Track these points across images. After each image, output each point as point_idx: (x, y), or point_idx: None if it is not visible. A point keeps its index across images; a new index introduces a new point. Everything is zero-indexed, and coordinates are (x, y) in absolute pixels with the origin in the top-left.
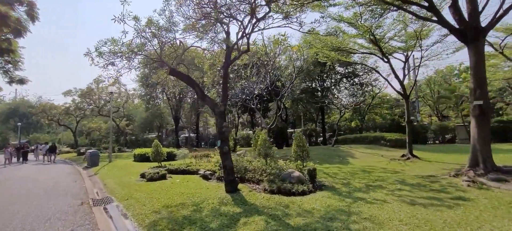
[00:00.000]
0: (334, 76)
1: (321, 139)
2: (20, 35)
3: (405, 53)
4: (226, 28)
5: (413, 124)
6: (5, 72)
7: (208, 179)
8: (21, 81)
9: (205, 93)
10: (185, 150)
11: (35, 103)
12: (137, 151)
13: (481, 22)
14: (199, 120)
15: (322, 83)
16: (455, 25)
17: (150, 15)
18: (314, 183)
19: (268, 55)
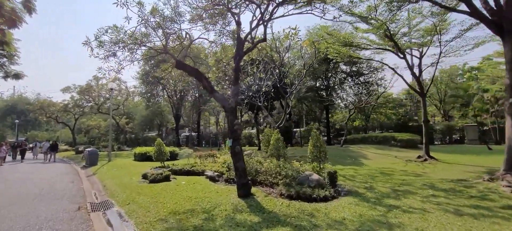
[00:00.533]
0: (339, 75)
1: (324, 138)
2: (15, 25)
3: (420, 49)
4: (237, 17)
5: (429, 123)
6: (0, 66)
7: (216, 181)
8: (16, 76)
9: (214, 88)
10: (188, 150)
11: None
12: (138, 150)
13: None
14: (200, 119)
15: (326, 82)
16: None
17: (154, 1)
18: (335, 187)
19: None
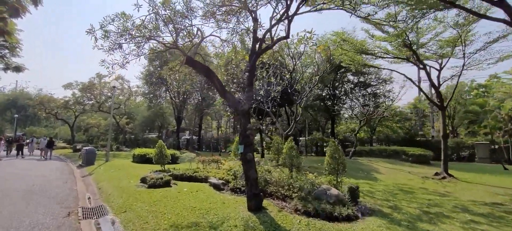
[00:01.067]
0: (346, 84)
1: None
2: (18, 15)
3: (439, 60)
4: (254, 14)
5: (448, 138)
6: (0, 57)
7: (221, 190)
8: (17, 69)
9: (225, 89)
10: (191, 153)
11: (35, 96)
12: (137, 151)
13: None
14: (202, 122)
15: (333, 91)
16: None
17: None
18: (356, 204)
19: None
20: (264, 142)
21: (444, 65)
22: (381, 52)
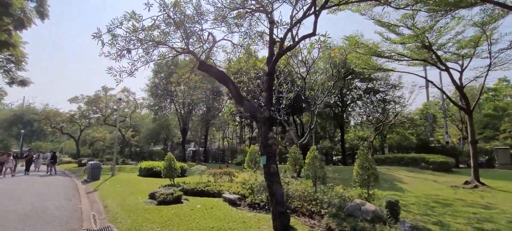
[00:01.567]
0: (354, 91)
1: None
2: (24, 26)
3: (459, 62)
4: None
5: (477, 143)
6: (6, 71)
7: (237, 206)
8: (22, 83)
9: (242, 95)
10: (201, 166)
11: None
12: (144, 165)
13: None
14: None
15: (341, 98)
16: None
17: None
18: (397, 221)
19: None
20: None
21: (466, 67)
22: (397, 54)
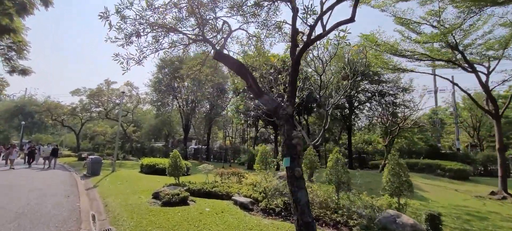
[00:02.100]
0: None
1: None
2: (26, 11)
3: (485, 64)
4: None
5: (505, 151)
6: (7, 59)
7: (250, 210)
8: (23, 72)
9: (262, 89)
10: (208, 165)
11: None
12: (146, 161)
13: None
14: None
15: (350, 99)
16: None
17: None
18: None
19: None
20: (279, 154)
21: (493, 69)
22: (419, 54)
